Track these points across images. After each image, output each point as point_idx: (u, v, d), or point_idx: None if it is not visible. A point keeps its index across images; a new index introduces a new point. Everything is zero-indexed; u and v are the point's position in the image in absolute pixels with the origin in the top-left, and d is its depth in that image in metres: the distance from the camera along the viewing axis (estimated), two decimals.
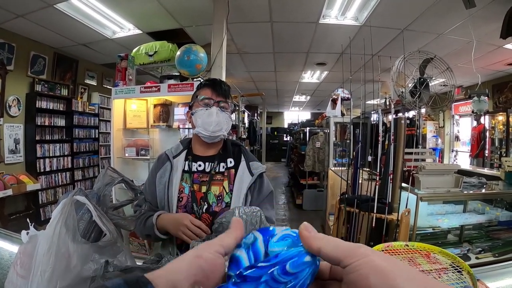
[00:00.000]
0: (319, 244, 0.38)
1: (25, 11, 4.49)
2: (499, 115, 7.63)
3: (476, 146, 7.91)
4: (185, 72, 3.60)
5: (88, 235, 0.98)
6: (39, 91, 5.86)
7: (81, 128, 6.94)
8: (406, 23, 4.79)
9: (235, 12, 4.23)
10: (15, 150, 5.54)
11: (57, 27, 5.14)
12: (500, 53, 5.92)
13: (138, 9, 4.53)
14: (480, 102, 5.21)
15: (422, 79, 3.71)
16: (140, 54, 4.02)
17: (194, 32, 5.28)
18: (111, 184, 1.17)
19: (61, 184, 6.39)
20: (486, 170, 5.12)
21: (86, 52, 6.51)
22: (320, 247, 0.38)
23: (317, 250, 0.38)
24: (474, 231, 3.48)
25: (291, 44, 5.97)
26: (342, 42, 5.49)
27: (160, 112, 3.76)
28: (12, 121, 5.49)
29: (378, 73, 4.80)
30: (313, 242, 0.39)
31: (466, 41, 5.23)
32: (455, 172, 3.34)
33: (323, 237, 0.39)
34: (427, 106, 3.90)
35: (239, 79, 8.98)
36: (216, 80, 1.66)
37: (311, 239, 0.39)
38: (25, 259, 0.86)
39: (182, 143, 1.72)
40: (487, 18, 4.39)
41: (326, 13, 4.69)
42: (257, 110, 14.53)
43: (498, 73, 7.55)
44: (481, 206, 3.50)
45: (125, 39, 5.60)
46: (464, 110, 9.21)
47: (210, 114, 1.56)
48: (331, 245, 0.38)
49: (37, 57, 5.86)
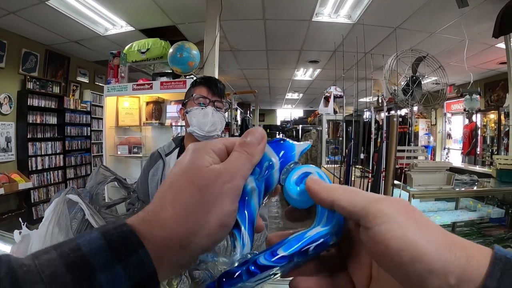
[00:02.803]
0: (332, 196, 0.34)
1: (17, 8, 4.44)
2: (491, 113, 7.70)
3: (468, 144, 7.98)
4: (177, 70, 3.60)
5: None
6: (31, 89, 5.79)
7: (73, 126, 6.88)
8: (399, 21, 4.80)
9: (228, 10, 4.21)
10: (6, 148, 5.48)
11: (49, 24, 5.08)
12: (492, 52, 5.97)
13: (131, 6, 4.50)
14: (472, 100, 5.25)
15: (414, 77, 3.73)
16: (132, 51, 4.00)
17: (186, 30, 5.26)
18: (104, 182, 1.16)
19: (53, 182, 6.34)
20: (478, 168, 5.18)
21: (78, 49, 6.45)
22: (333, 200, 0.34)
23: (329, 203, 0.34)
24: (466, 228, 3.51)
25: (284, 41, 5.97)
26: (335, 40, 5.51)
27: (153, 109, 3.75)
28: (4, 119, 5.43)
29: (371, 71, 4.82)
30: (324, 194, 0.35)
31: (458, 40, 5.26)
32: (447, 169, 3.36)
33: (337, 188, 0.35)
34: (419, 104, 3.93)
35: (231, 76, 8.95)
36: (211, 79, 1.66)
37: (322, 191, 0.35)
38: None
39: (174, 141, 1.72)
40: (479, 17, 4.42)
41: (319, 11, 4.69)
42: (250, 107, 14.48)
43: (490, 72, 7.61)
44: (472, 203, 3.53)
45: (118, 36, 5.56)
46: (456, 108, 9.28)
47: (205, 114, 1.56)
48: (347, 198, 0.33)
49: (28, 54, 5.79)
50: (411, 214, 0.30)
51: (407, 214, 0.29)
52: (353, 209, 0.32)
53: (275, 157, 0.40)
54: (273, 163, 0.40)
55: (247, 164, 0.36)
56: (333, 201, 0.34)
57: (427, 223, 0.29)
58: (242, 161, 0.36)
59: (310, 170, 0.39)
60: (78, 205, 1.00)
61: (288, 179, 0.39)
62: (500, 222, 3.53)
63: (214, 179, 0.34)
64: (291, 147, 0.41)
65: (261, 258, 0.35)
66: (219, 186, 0.33)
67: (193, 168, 0.35)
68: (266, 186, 0.39)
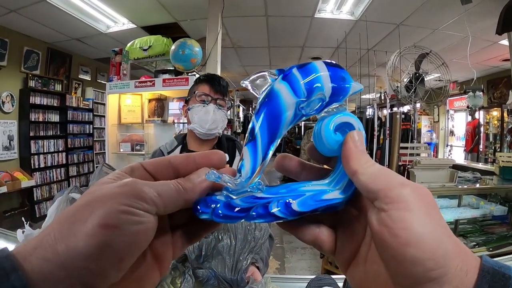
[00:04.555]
0: (356, 166, 0.32)
1: (18, 6, 4.43)
2: (494, 110, 7.69)
3: (471, 141, 7.97)
4: (180, 67, 3.59)
5: None
6: (33, 87, 5.79)
7: (75, 124, 6.88)
8: (402, 18, 4.78)
9: (230, 6, 4.20)
10: (9, 146, 5.49)
11: (51, 22, 5.08)
12: (496, 49, 5.94)
13: (132, 3, 4.48)
14: (475, 97, 5.23)
15: (417, 74, 3.72)
16: (134, 48, 3.99)
17: (189, 27, 5.24)
18: None
19: (55, 180, 6.34)
20: (481, 165, 5.16)
21: (80, 47, 6.45)
22: (356, 170, 0.32)
23: (352, 172, 0.32)
24: (469, 225, 3.50)
25: (286, 38, 5.95)
26: (337, 36, 5.49)
27: (155, 107, 3.75)
28: (6, 117, 5.44)
29: (374, 67, 4.81)
30: (351, 161, 0.33)
31: (461, 37, 5.23)
32: (450, 166, 3.35)
33: (365, 160, 0.32)
34: (422, 101, 3.92)
35: (234, 73, 8.94)
36: (214, 76, 1.65)
37: (351, 158, 0.33)
38: None
39: (176, 139, 1.72)
40: (483, 14, 4.39)
41: (322, 7, 4.67)
42: (252, 104, 14.47)
43: (493, 69, 7.58)
44: (475, 200, 3.51)
45: (119, 34, 5.55)
46: (459, 105, 9.26)
47: (207, 112, 1.55)
48: (368, 173, 0.31)
49: (30, 53, 5.79)
50: (430, 210, 0.28)
51: (427, 208, 0.28)
52: (373, 187, 0.30)
53: (329, 89, 0.34)
54: (324, 97, 0.35)
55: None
56: (356, 172, 0.32)
57: (442, 223, 0.28)
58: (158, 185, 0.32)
59: (353, 123, 0.35)
60: None
61: (328, 121, 0.35)
62: (502, 220, 3.51)
63: (102, 183, 0.31)
64: (346, 83, 0.35)
65: (273, 205, 0.34)
66: (105, 187, 0.29)
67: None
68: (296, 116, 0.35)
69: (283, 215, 0.34)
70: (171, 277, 0.94)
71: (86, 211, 0.27)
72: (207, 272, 0.93)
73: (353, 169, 0.32)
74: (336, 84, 0.34)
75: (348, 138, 0.34)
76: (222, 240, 1.01)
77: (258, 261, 1.12)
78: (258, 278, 1.04)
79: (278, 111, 0.34)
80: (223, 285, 0.94)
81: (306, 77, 0.34)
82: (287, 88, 0.34)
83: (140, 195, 0.29)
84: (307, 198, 0.35)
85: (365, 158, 0.33)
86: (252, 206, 0.34)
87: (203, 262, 0.97)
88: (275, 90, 0.34)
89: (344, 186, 0.35)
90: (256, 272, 1.07)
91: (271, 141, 0.35)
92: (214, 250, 0.99)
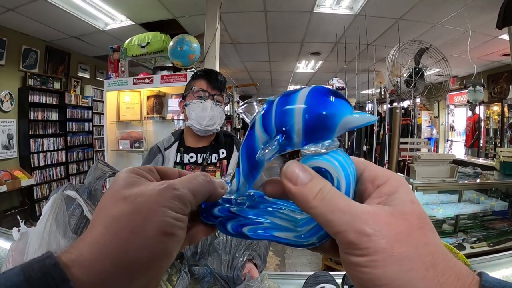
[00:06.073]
0: (315, 204, 0.28)
1: (16, 5, 4.41)
2: (494, 105, 7.67)
3: (471, 136, 7.96)
4: (178, 63, 3.57)
5: (79, 230, 0.96)
6: (32, 85, 5.79)
7: (74, 122, 6.88)
8: (402, 12, 4.75)
9: (228, 2, 4.18)
10: (8, 145, 5.48)
11: (49, 20, 5.06)
12: (496, 43, 5.92)
13: (130, 0, 4.47)
14: (476, 92, 5.20)
15: (417, 69, 3.70)
16: (132, 45, 3.98)
17: (187, 23, 5.22)
18: (102, 178, 1.15)
19: (55, 178, 6.34)
20: (481, 160, 5.15)
21: (78, 44, 6.43)
22: (309, 207, 0.28)
23: (312, 213, 0.29)
24: (469, 220, 3.50)
25: (285, 33, 5.92)
26: (336, 31, 5.47)
27: (154, 103, 3.73)
28: (5, 116, 5.43)
29: (373, 62, 4.80)
30: (307, 202, 0.29)
31: (461, 31, 5.21)
32: (450, 162, 3.35)
33: (323, 195, 0.28)
34: (422, 96, 3.91)
35: (233, 69, 8.92)
36: (212, 72, 1.63)
37: (305, 198, 0.29)
38: (16, 257, 0.84)
39: (173, 135, 1.71)
40: (483, 8, 4.36)
41: (321, 2, 4.64)
42: None
43: (493, 64, 7.56)
44: (476, 196, 3.51)
45: (117, 31, 5.53)
46: (459, 100, 9.25)
47: (204, 108, 1.54)
48: (327, 210, 0.27)
49: (28, 51, 5.77)
50: (410, 240, 0.25)
51: (413, 242, 0.25)
52: (333, 230, 0.27)
53: (299, 125, 0.30)
54: (290, 136, 0.31)
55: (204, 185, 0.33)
56: (310, 209, 0.29)
57: (423, 251, 0.25)
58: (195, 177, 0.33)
59: (331, 170, 0.30)
60: (77, 201, 0.99)
61: (303, 159, 0.32)
62: (503, 215, 3.52)
63: (130, 184, 0.30)
64: (332, 118, 0.29)
65: (248, 229, 0.36)
66: (147, 192, 0.29)
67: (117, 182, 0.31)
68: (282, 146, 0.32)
69: (257, 238, 0.36)
70: (168, 274, 0.93)
71: (139, 219, 0.28)
72: (203, 269, 0.92)
73: (312, 212, 0.29)
74: (313, 120, 0.29)
75: (283, 181, 0.31)
76: (218, 237, 1.00)
77: (256, 258, 1.11)
78: (255, 275, 1.04)
79: (254, 145, 0.33)
80: (219, 282, 0.93)
81: (278, 110, 0.31)
82: (259, 123, 0.32)
83: (181, 199, 0.30)
84: (262, 227, 0.36)
85: (312, 191, 0.29)
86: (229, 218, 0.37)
87: (199, 259, 0.97)
88: (253, 123, 0.33)
89: (309, 229, 0.33)
90: (253, 269, 1.07)
91: (251, 169, 0.35)
92: (210, 247, 0.98)
